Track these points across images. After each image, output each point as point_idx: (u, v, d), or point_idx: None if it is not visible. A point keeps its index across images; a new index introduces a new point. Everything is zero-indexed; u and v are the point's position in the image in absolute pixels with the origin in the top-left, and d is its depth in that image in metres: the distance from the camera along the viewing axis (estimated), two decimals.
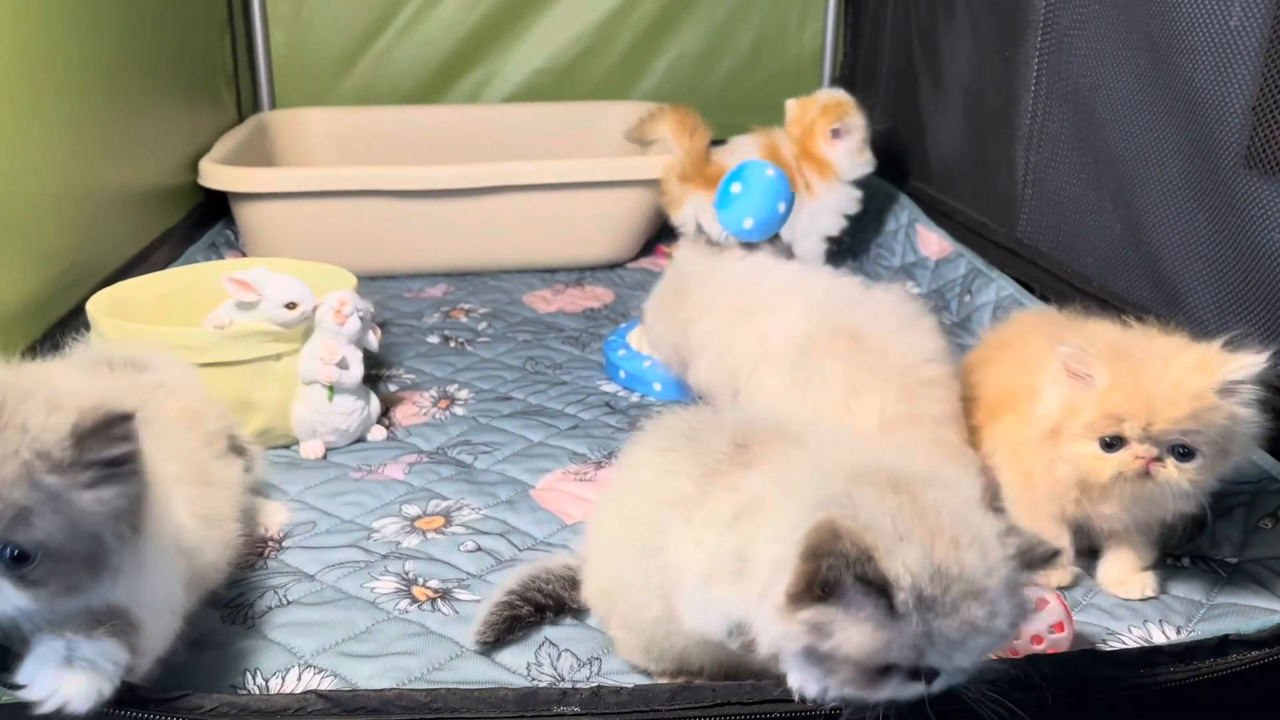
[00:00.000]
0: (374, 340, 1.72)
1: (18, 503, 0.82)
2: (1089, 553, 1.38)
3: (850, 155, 2.35)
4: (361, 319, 1.67)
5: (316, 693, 0.94)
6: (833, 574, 0.82)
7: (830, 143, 2.34)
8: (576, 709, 0.94)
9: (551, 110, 2.97)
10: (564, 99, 3.03)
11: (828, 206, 2.37)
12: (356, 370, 1.67)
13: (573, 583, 1.26)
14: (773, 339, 1.51)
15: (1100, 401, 1.20)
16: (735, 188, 1.80)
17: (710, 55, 3.07)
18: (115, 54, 2.07)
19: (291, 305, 1.62)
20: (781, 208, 1.79)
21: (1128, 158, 1.77)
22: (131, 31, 2.14)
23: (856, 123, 2.33)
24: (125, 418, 0.87)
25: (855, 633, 0.84)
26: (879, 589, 0.82)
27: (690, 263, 1.75)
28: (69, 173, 1.85)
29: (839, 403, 1.42)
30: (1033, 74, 2.05)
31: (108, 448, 0.86)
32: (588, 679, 1.18)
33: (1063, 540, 1.31)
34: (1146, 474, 1.19)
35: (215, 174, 2.38)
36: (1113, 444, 1.20)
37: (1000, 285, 2.09)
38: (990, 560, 0.85)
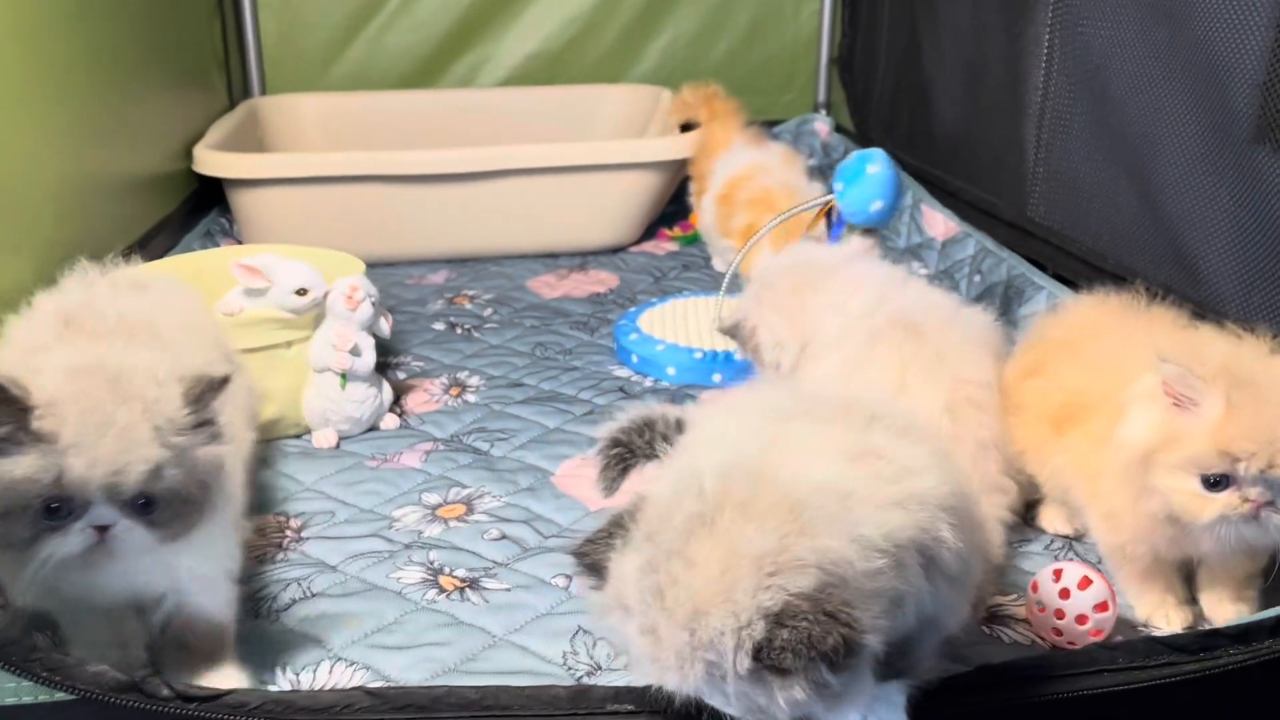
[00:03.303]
0: (385, 326, 1.69)
1: (153, 459, 0.95)
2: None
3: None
4: (374, 305, 1.64)
5: (364, 689, 0.91)
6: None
7: None
8: (630, 706, 0.92)
9: (547, 94, 2.94)
10: (558, 83, 2.99)
11: None
12: (369, 357, 1.64)
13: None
14: (830, 324, 1.49)
15: (1213, 436, 1.05)
16: (872, 169, 1.78)
17: (706, 37, 3.04)
18: (106, 40, 2.02)
19: (302, 291, 1.59)
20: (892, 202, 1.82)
21: (1145, 133, 1.75)
22: (121, 17, 2.10)
23: None
24: (224, 381, 1.02)
25: None
26: None
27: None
28: (62, 161, 1.81)
29: (888, 392, 1.38)
30: (1043, 51, 2.03)
31: (209, 409, 1.01)
32: (626, 667, 1.15)
33: (1171, 591, 1.22)
34: (1255, 518, 1.07)
35: (211, 160, 2.33)
36: (1218, 483, 1.06)
37: (1011, 264, 2.07)
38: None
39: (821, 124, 3.06)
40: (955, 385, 1.36)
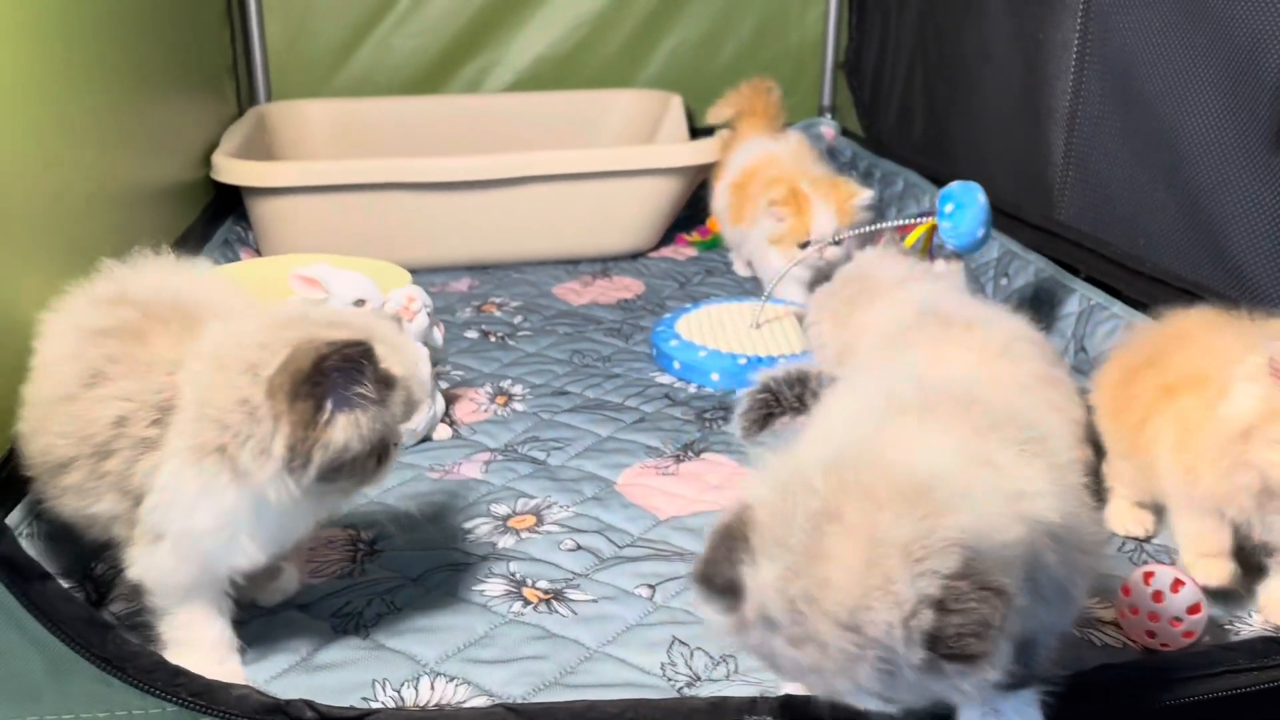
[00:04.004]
0: (439, 336, 1.68)
1: None
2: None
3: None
4: (428, 315, 1.63)
5: (505, 706, 0.91)
6: None
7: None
8: (768, 717, 0.92)
9: (555, 99, 2.93)
10: (565, 87, 2.98)
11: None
12: (424, 368, 1.63)
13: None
14: (871, 329, 1.51)
15: None
16: (981, 197, 1.85)
17: (712, 40, 3.04)
18: (127, 48, 1.99)
19: (360, 302, 1.58)
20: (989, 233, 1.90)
21: (1181, 135, 1.77)
22: (140, 25, 2.07)
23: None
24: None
25: None
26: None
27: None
28: (91, 172, 1.78)
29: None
30: (1072, 56, 2.05)
31: None
32: (727, 677, 1.15)
33: (1223, 536, 1.24)
34: None
35: (233, 169, 2.31)
36: None
37: (1039, 267, 2.09)
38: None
39: (827, 127, 3.07)
40: (985, 344, 1.41)
